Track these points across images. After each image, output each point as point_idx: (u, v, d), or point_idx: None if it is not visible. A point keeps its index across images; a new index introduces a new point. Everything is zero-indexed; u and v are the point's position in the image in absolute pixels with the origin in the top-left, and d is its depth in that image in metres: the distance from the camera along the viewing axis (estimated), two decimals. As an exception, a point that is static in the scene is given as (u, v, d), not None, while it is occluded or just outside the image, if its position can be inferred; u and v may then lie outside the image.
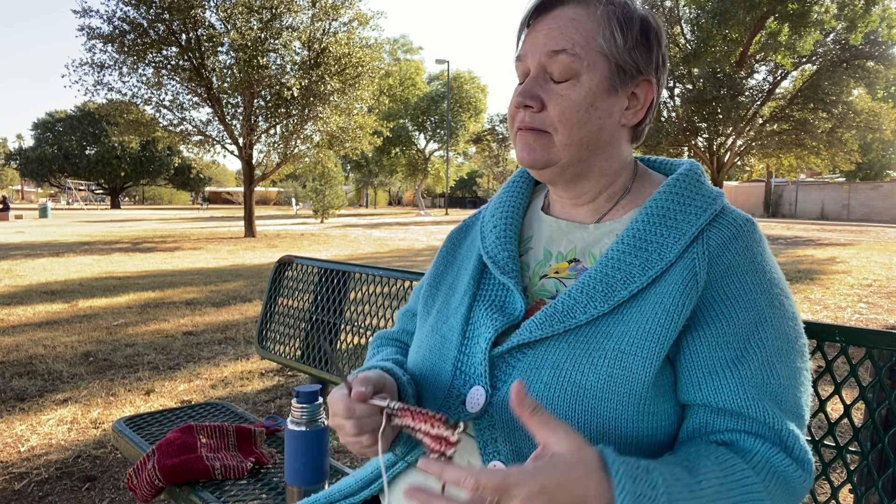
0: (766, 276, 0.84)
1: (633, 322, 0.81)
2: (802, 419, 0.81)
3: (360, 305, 2.04)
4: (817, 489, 2.23)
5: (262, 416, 3.24)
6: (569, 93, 0.86)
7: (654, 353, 0.79)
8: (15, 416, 3.25)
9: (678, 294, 0.81)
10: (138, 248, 13.34)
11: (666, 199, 0.88)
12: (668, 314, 0.80)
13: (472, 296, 0.95)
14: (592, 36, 0.86)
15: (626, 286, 0.83)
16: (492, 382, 0.86)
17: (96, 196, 61.99)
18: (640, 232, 0.86)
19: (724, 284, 0.82)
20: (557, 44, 0.86)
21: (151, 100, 16.54)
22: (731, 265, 0.83)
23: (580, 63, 0.86)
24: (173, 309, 6.25)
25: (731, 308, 0.81)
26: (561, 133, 0.88)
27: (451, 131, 39.76)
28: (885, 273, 9.33)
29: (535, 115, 0.88)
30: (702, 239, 0.84)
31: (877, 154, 34.36)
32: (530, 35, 0.91)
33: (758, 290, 0.82)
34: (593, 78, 0.87)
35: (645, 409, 0.79)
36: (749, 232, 0.86)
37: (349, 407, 0.80)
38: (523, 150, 0.91)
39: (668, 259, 0.83)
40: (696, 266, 0.82)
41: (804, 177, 37.43)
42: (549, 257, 0.95)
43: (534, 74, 0.89)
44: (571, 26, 0.87)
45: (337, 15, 16.67)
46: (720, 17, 19.32)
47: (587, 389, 0.79)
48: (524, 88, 0.89)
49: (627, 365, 0.79)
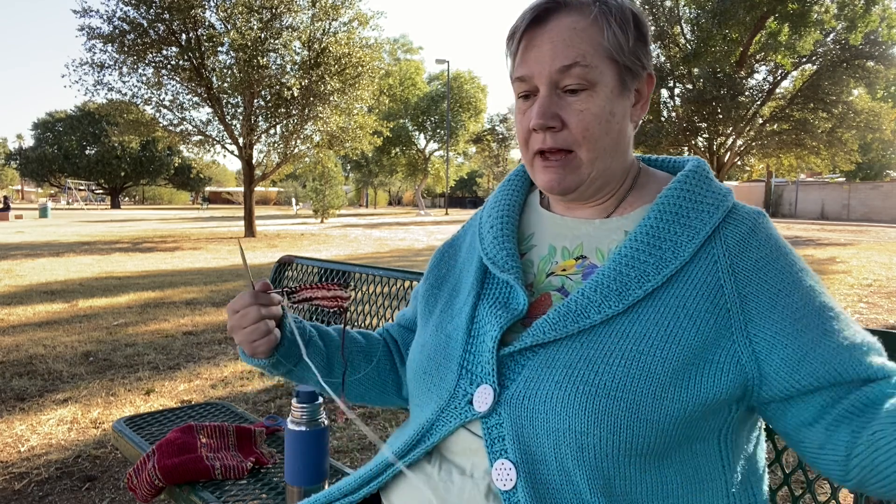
0: (788, 256, 0.84)
1: (651, 323, 0.80)
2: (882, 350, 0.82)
3: (360, 305, 2.04)
4: (817, 489, 2.22)
5: (262, 416, 3.24)
6: (588, 105, 0.84)
7: (674, 354, 0.78)
8: (15, 416, 3.25)
9: (702, 299, 0.80)
10: (138, 248, 13.34)
11: (678, 196, 0.87)
12: (690, 318, 0.79)
13: (477, 295, 0.94)
14: (598, 41, 0.84)
15: (641, 285, 0.82)
16: (500, 381, 0.85)
17: (96, 196, 61.99)
18: (652, 229, 0.85)
19: (758, 278, 0.81)
20: (568, 57, 0.83)
21: (151, 100, 16.56)
22: (758, 259, 0.82)
23: (594, 72, 0.84)
24: (173, 309, 6.25)
25: (781, 295, 0.80)
26: (585, 148, 0.86)
27: (451, 131, 39.76)
28: (885, 273, 9.33)
29: (556, 134, 0.86)
30: (719, 239, 0.83)
31: (877, 154, 34.34)
32: (530, 51, 0.86)
33: (790, 271, 0.83)
34: (607, 85, 0.85)
35: (660, 406, 0.78)
36: (763, 224, 0.86)
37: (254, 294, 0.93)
38: (552, 178, 0.88)
39: (682, 258, 0.82)
40: (719, 269, 0.81)
41: (804, 177, 37.43)
42: (553, 253, 0.94)
43: (546, 93, 0.85)
44: (576, 36, 0.84)
45: (337, 15, 16.67)
46: (720, 17, 19.33)
47: (601, 388, 0.78)
48: (542, 110, 0.85)
49: (645, 365, 0.78)
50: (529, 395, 0.81)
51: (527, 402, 0.81)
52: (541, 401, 0.80)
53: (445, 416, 0.89)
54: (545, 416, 0.79)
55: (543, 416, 0.79)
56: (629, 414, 0.77)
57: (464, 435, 0.88)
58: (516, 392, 0.82)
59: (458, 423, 0.87)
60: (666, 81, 21.98)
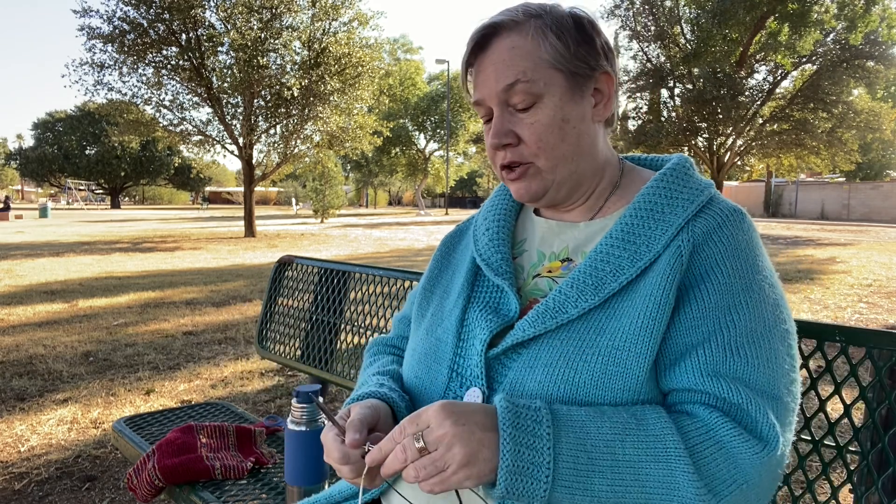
0: (747, 262, 0.83)
1: (626, 317, 0.81)
2: (780, 400, 0.78)
3: (360, 305, 2.04)
4: (817, 489, 2.22)
5: (262, 416, 3.24)
6: (537, 118, 0.87)
7: (648, 348, 0.79)
8: (15, 416, 3.25)
9: (665, 284, 0.81)
10: (138, 248, 13.34)
11: (654, 193, 0.89)
12: (657, 306, 0.80)
13: (466, 298, 0.95)
14: (537, 55, 0.87)
15: (616, 278, 0.83)
16: (488, 384, 0.86)
17: (96, 196, 61.98)
18: (627, 226, 0.87)
19: (701, 270, 0.82)
20: (508, 76, 0.87)
21: (151, 100, 16.56)
22: (713, 252, 0.83)
23: (537, 85, 0.86)
24: (173, 309, 6.25)
25: (705, 292, 0.81)
26: (543, 158, 0.89)
27: (451, 131, 39.74)
28: (885, 273, 9.33)
29: (514, 149, 0.90)
30: (688, 228, 0.84)
31: (877, 154, 34.36)
32: (478, 76, 0.90)
33: (735, 276, 0.82)
34: (554, 94, 0.87)
35: (640, 402, 0.80)
36: (735, 221, 0.86)
37: (345, 454, 0.81)
38: (518, 188, 0.92)
39: (655, 250, 0.83)
40: (682, 255, 0.82)
41: (804, 177, 37.42)
42: (542, 258, 0.95)
43: (498, 113, 0.89)
44: (515, 54, 0.87)
45: (337, 15, 16.68)
46: (720, 17, 19.32)
47: (580, 386, 0.79)
48: (496, 129, 0.89)
49: (621, 361, 0.79)
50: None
51: None
52: None
53: None
54: None
55: None
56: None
57: None
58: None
59: None
60: (666, 81, 21.97)
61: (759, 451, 0.74)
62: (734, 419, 0.76)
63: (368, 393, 0.92)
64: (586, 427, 0.74)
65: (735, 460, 0.74)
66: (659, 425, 0.75)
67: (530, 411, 0.73)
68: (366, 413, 0.84)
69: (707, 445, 0.74)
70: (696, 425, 0.76)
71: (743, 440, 0.74)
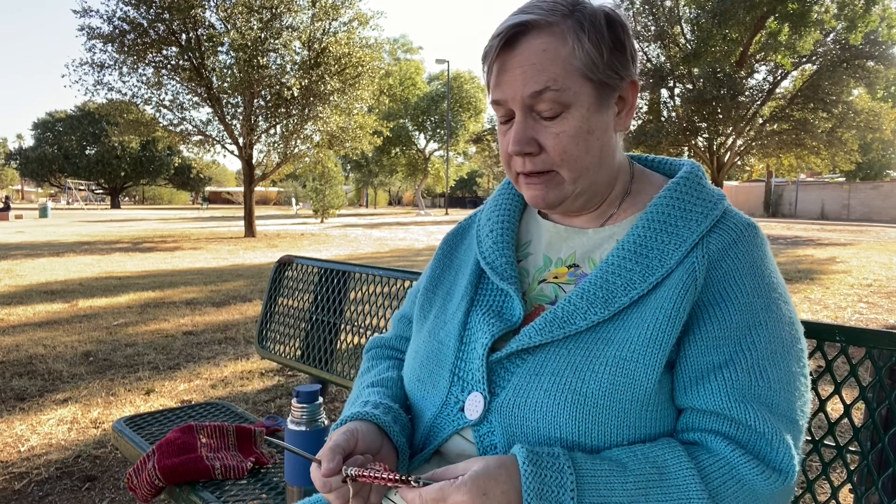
0: (763, 280, 0.83)
1: (635, 328, 0.80)
2: (796, 424, 0.79)
3: (360, 305, 2.04)
4: (817, 489, 2.22)
5: (262, 416, 3.24)
6: (564, 128, 0.84)
7: (657, 360, 0.78)
8: (15, 416, 3.25)
9: (678, 298, 0.80)
10: (138, 248, 13.34)
11: (667, 205, 0.87)
12: (668, 319, 0.80)
13: (470, 301, 0.94)
14: (569, 62, 0.82)
15: (627, 292, 0.82)
16: (490, 388, 0.85)
17: (96, 196, 61.96)
18: (640, 238, 0.85)
19: (720, 288, 0.82)
20: (538, 82, 0.82)
21: (151, 100, 16.55)
22: (730, 269, 0.82)
23: (566, 95, 0.82)
24: (173, 309, 6.25)
25: (725, 311, 0.81)
26: (566, 168, 0.86)
27: (451, 131, 39.74)
28: (885, 273, 9.33)
29: (534, 158, 0.86)
30: (702, 244, 0.83)
31: (877, 154, 34.36)
32: (504, 76, 0.85)
33: (754, 294, 0.82)
34: (582, 104, 0.84)
35: (648, 415, 0.79)
36: (750, 237, 0.85)
37: (325, 483, 0.80)
38: (536, 195, 0.89)
39: (668, 266, 0.82)
40: (696, 270, 0.82)
41: (804, 177, 37.41)
42: (548, 263, 0.94)
43: (521, 118, 0.85)
44: (546, 59, 0.82)
45: (337, 15, 16.67)
46: (720, 17, 19.33)
47: (588, 397, 0.78)
48: (518, 136, 0.85)
49: (630, 372, 0.78)
50: (519, 404, 0.81)
51: (516, 411, 0.81)
52: (530, 409, 0.80)
53: (439, 424, 0.89)
54: (535, 424, 0.80)
55: (534, 425, 0.80)
56: (618, 422, 0.78)
57: (459, 441, 0.88)
58: (506, 400, 0.83)
59: (452, 430, 0.87)
60: (666, 81, 21.97)
61: (776, 482, 0.76)
62: (755, 448, 0.77)
63: (352, 415, 0.90)
64: (611, 483, 0.73)
65: (755, 495, 0.75)
66: (682, 474, 0.74)
67: (554, 472, 0.72)
68: (339, 440, 0.82)
69: (730, 486, 0.75)
70: (718, 465, 0.76)
71: (763, 476, 0.75)
